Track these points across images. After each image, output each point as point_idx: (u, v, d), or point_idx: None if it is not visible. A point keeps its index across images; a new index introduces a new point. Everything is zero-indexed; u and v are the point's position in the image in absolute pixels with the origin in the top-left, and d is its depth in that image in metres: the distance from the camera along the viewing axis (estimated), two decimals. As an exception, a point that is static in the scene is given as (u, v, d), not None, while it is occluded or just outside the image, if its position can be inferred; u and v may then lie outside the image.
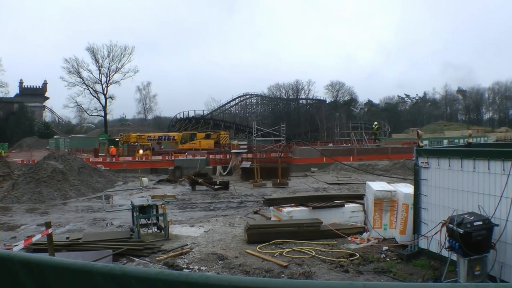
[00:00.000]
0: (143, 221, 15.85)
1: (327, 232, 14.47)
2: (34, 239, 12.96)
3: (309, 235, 14.28)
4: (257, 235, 14.23)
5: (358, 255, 12.33)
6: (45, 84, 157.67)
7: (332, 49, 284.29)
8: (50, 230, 12.43)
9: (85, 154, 60.59)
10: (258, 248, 13.27)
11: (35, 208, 26.33)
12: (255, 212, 20.54)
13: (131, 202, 16.58)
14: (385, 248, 13.10)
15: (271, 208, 17.56)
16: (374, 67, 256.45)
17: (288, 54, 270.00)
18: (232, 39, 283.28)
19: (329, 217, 15.56)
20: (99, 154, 60.80)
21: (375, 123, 58.23)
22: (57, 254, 12.84)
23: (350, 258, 12.18)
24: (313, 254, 12.55)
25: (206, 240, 14.94)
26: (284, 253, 12.69)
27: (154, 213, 16.00)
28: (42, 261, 1.71)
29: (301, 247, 13.18)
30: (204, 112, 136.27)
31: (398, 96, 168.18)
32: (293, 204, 16.79)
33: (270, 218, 17.78)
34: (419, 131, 16.28)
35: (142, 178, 35.60)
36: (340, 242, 13.89)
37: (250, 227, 14.53)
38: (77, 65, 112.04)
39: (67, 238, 16.08)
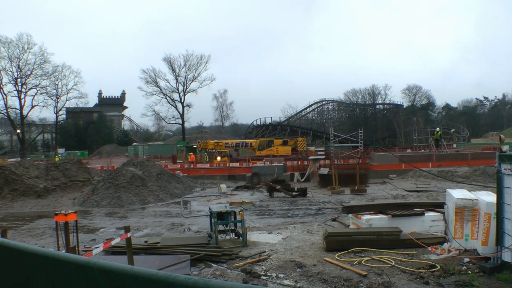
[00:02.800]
0: (221, 227, 15.92)
1: (407, 241, 14.13)
2: (113, 242, 13.21)
3: (388, 244, 14.00)
4: (336, 243, 14.05)
5: (439, 267, 11.96)
6: (123, 94, 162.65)
7: (408, 51, 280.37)
8: (129, 234, 12.64)
9: (163, 161, 61.55)
10: (337, 256, 13.11)
11: (114, 212, 27.02)
12: (333, 219, 20.36)
13: (209, 208, 16.65)
14: (466, 260, 12.64)
15: (350, 215, 17.33)
16: (452, 67, 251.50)
17: (364, 58, 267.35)
18: (308, 45, 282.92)
19: (409, 226, 15.22)
20: (177, 161, 61.71)
21: (437, 129, 56.61)
22: (136, 257, 13.03)
23: (431, 270, 11.83)
24: (393, 263, 12.27)
25: (284, 247, 14.87)
26: (363, 262, 12.48)
27: (232, 219, 16.05)
28: (123, 270, 1.70)
29: (380, 256, 12.93)
30: (281, 118, 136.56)
31: (476, 98, 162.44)
32: (372, 212, 16.52)
33: (349, 225, 17.56)
34: (501, 135, 15.66)
35: (221, 185, 35.83)
36: (420, 252, 13.51)
37: (328, 234, 14.37)
38: (155, 75, 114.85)
39: (146, 241, 16.36)
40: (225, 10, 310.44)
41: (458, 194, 14.45)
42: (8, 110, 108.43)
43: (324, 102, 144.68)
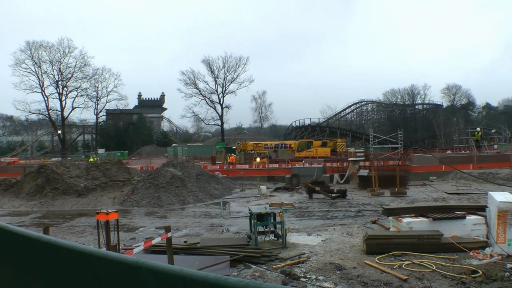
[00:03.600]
0: (260, 228, 15.94)
1: (448, 246, 13.95)
2: (153, 242, 13.37)
3: (429, 248, 13.83)
4: (376, 245, 13.96)
5: (481, 272, 11.75)
6: (162, 96, 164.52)
7: (447, 49, 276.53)
8: (169, 234, 12.75)
9: (203, 162, 61.87)
10: (377, 259, 13.03)
11: (153, 212, 27.28)
12: (373, 222, 20.24)
13: (249, 210, 16.67)
14: (509, 265, 12.36)
15: (390, 218, 17.20)
16: (492, 65, 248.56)
17: (403, 57, 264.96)
18: (347, 44, 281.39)
19: (450, 230, 15.02)
20: (217, 162, 61.99)
21: (478, 129, 55.52)
22: (175, 257, 13.13)
23: (472, 275, 11.61)
24: (434, 268, 12.10)
25: (323, 249, 14.83)
26: (403, 266, 12.35)
27: (272, 220, 16.09)
28: (172, 271, 1.73)
29: (421, 260, 12.79)
30: (320, 120, 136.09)
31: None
32: (412, 215, 16.36)
33: (389, 228, 17.41)
34: None
35: (260, 186, 35.88)
36: (461, 257, 13.28)
37: (369, 237, 14.28)
38: (194, 77, 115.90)
39: (185, 242, 16.47)
40: (263, 11, 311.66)
41: (500, 197, 14.21)
42: (50, 111, 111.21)
43: (363, 103, 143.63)
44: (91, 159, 64.35)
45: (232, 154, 63.48)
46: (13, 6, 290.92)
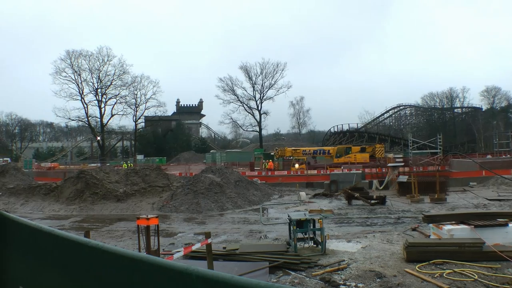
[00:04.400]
0: (300, 235, 15.93)
1: (490, 254, 13.70)
2: (194, 247, 13.44)
3: (470, 256, 13.61)
4: (416, 253, 13.81)
5: (524, 282, 11.58)
6: (200, 102, 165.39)
7: (486, 50, 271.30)
8: (209, 240, 12.83)
9: (241, 168, 61.93)
10: (417, 267, 12.90)
11: (192, 218, 27.41)
12: (413, 229, 20.04)
13: (288, 216, 16.66)
14: (553, 275, 12.19)
15: (430, 225, 17.02)
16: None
17: (440, 60, 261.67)
18: (384, 48, 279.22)
19: (491, 237, 14.77)
20: (255, 168, 62.06)
21: None
22: (214, 263, 13.19)
23: (516, 285, 11.46)
24: (476, 277, 11.90)
25: (363, 256, 14.75)
26: (444, 275, 12.19)
27: (311, 227, 16.04)
28: (222, 278, 1.74)
29: (462, 269, 12.60)
30: (358, 125, 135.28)
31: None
32: (453, 222, 16.18)
33: (429, 236, 17.21)
34: None
35: (300, 192, 35.81)
36: (504, 266, 13.01)
37: (409, 244, 14.14)
38: (231, 83, 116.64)
39: (224, 248, 16.54)
40: (300, 16, 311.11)
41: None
42: (89, 118, 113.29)
43: (401, 107, 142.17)
44: (125, 165, 65.20)
45: (271, 160, 63.45)
46: (53, 16, 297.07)
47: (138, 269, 1.71)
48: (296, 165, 58.01)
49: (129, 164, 73.54)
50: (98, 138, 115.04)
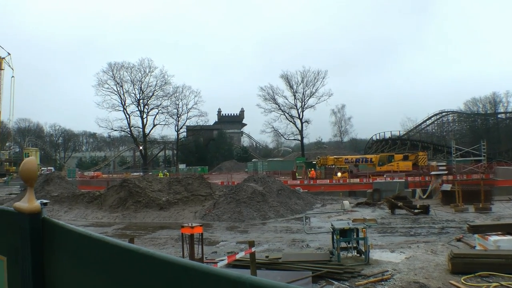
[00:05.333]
0: (343, 244, 15.90)
1: (538, 266, 13.47)
2: (237, 256, 13.52)
3: (517, 268, 13.41)
4: (462, 265, 13.62)
5: None
6: (242, 111, 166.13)
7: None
8: (253, 249, 12.89)
9: (283, 177, 61.78)
10: (463, 279, 12.73)
11: (234, 227, 27.52)
12: (458, 240, 19.77)
13: (332, 225, 16.63)
14: None
15: (476, 236, 16.81)
16: None
17: (483, 63, 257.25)
18: (426, 52, 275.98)
19: (540, 248, 14.52)
20: (297, 177, 61.90)
21: None
22: (258, 272, 13.25)
23: None
24: (523, 291, 11.75)
25: (407, 267, 14.63)
26: None
27: (355, 236, 15.98)
28: (277, 287, 1.76)
29: (509, 283, 12.40)
30: (400, 132, 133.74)
31: None
32: (499, 232, 15.94)
33: (475, 246, 16.98)
34: None
35: (343, 201, 35.58)
36: (553, 278, 12.84)
37: (454, 255, 13.96)
38: (273, 92, 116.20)
39: (266, 256, 16.56)
40: (339, 22, 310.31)
41: None
42: (131, 128, 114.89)
43: (443, 114, 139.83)
44: (161, 175, 65.85)
45: (313, 169, 63.24)
46: (96, 29, 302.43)
47: (191, 278, 1.68)
48: (339, 174, 57.65)
49: (165, 173, 74.23)
50: (141, 147, 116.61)
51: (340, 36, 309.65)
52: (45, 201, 2.81)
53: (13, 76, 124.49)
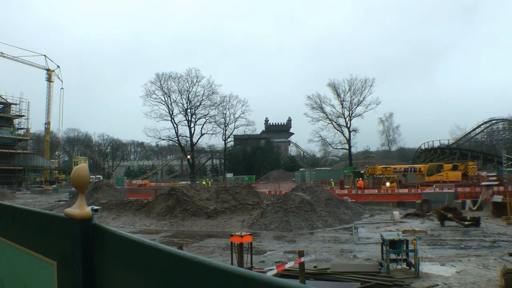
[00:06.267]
0: (392, 255, 15.80)
1: None
2: (286, 266, 13.59)
3: None
4: (515, 280, 13.40)
5: None
6: (289, 120, 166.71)
7: None
8: (302, 259, 12.94)
9: (330, 186, 61.67)
10: (516, 295, 12.57)
11: (282, 236, 27.45)
12: (511, 254, 19.41)
13: (381, 236, 16.53)
14: None
15: (529, 250, 16.51)
16: None
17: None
18: (474, 57, 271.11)
19: None
20: (345, 186, 61.62)
21: None
22: (306, 281, 13.28)
23: None
24: None
25: (458, 281, 14.43)
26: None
27: (404, 248, 15.84)
28: None
29: None
30: (449, 141, 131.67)
31: None
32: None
33: (529, 261, 16.66)
34: None
35: (393, 212, 35.21)
36: None
37: (507, 271, 13.65)
38: (320, 101, 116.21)
39: (315, 267, 16.55)
40: (386, 28, 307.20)
41: None
42: (179, 138, 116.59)
43: (493, 122, 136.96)
44: (204, 183, 66.45)
45: (361, 178, 62.86)
46: (144, 40, 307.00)
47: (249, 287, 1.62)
48: (387, 184, 57.09)
49: (208, 182, 74.92)
50: (188, 156, 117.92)
51: (386, 42, 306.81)
52: (96, 207, 2.90)
53: (62, 88, 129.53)
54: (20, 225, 3.86)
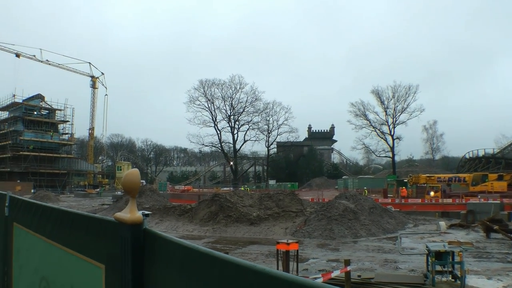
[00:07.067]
0: (438, 267, 15.69)
1: None
2: (333, 275, 13.64)
3: None
4: None
5: None
6: (332, 128, 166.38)
7: None
8: (348, 268, 13.00)
9: (374, 195, 61.17)
10: None
11: (325, 244, 27.36)
12: (559, 268, 19.09)
13: (427, 247, 16.39)
14: None
15: None
16: None
17: None
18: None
19: None
20: (388, 195, 61.17)
21: None
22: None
23: None
24: None
25: (505, 296, 14.32)
26: None
27: (450, 260, 15.62)
28: None
29: None
30: (494, 150, 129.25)
31: None
32: None
33: None
34: None
35: (440, 222, 34.70)
36: None
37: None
38: (363, 108, 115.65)
39: (359, 276, 16.48)
40: (430, 33, 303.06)
41: None
42: (222, 144, 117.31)
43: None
44: (242, 189, 67.06)
45: (404, 187, 62.32)
46: (187, 47, 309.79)
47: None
48: (432, 193, 56.51)
49: (246, 189, 75.38)
50: (231, 163, 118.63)
51: (431, 46, 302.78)
52: (146, 212, 2.89)
53: (106, 94, 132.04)
54: (67, 228, 4.03)
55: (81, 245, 3.69)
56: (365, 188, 72.04)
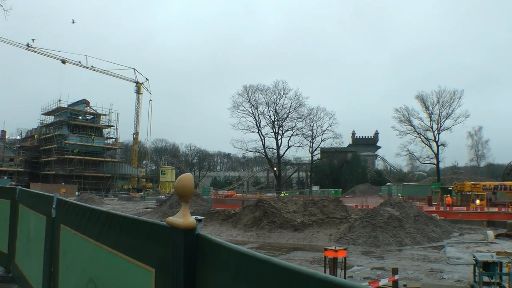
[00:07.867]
0: (485, 278, 15.50)
1: None
2: (380, 283, 13.66)
3: None
4: None
5: None
6: (376, 134, 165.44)
7: None
8: (396, 277, 13.01)
9: (418, 202, 60.50)
10: None
11: (370, 251, 27.18)
12: None
13: (474, 257, 16.19)
14: None
15: None
16: None
17: None
18: None
19: None
20: (433, 203, 60.50)
21: None
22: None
23: None
24: None
25: (555, 310, 14.08)
26: None
27: (498, 271, 15.42)
28: None
29: None
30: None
31: None
32: None
33: None
34: None
35: (487, 231, 34.20)
36: None
37: None
38: (408, 113, 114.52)
39: (404, 285, 16.41)
40: (475, 36, 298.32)
41: None
42: (266, 150, 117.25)
43: None
44: (282, 195, 67.29)
45: (449, 195, 61.56)
46: (232, 53, 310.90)
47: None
48: (477, 201, 55.71)
49: (285, 194, 75.52)
50: (275, 168, 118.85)
51: (475, 49, 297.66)
52: (199, 217, 2.93)
53: (150, 100, 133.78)
54: (116, 231, 4.16)
55: (130, 248, 3.80)
56: (399, 195, 71.56)
